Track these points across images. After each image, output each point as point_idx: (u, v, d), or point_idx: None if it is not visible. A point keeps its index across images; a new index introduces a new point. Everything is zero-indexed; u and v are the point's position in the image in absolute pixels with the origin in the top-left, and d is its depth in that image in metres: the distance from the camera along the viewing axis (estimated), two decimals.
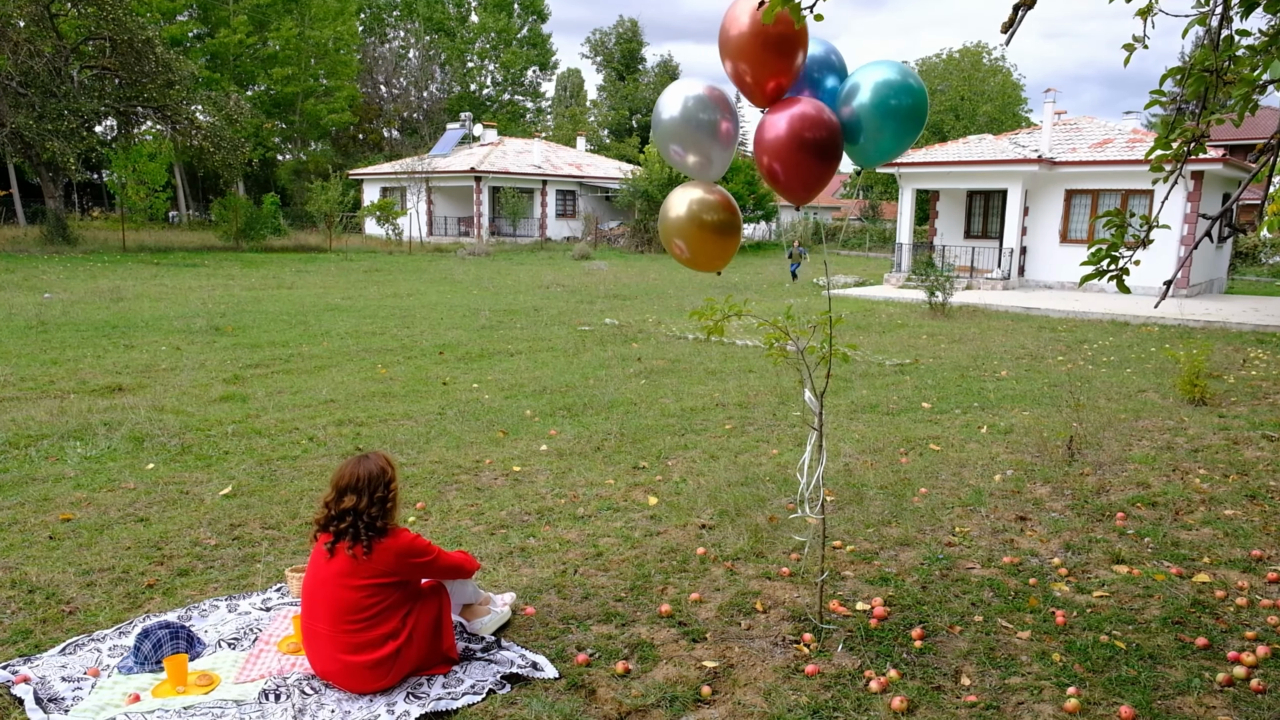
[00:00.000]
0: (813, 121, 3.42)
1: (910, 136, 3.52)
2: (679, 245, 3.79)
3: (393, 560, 3.35)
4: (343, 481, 3.39)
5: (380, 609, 3.34)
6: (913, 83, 3.44)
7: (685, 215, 3.74)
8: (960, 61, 60.87)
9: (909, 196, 24.06)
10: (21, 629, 3.80)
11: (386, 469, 3.45)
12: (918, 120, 3.48)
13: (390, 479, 3.44)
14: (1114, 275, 2.57)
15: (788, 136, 3.43)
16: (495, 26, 64.21)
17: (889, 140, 3.50)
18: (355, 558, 3.31)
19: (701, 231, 3.74)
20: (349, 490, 3.37)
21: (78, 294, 16.02)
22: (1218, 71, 2.24)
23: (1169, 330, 14.77)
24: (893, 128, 3.46)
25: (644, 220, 35.62)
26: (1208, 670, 3.58)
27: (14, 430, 6.81)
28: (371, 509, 3.35)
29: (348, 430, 7.16)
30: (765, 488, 5.85)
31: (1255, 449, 7.05)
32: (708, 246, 3.78)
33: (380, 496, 3.37)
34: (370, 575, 3.32)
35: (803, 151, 3.43)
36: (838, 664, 3.61)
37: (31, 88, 27.19)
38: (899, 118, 3.45)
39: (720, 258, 3.86)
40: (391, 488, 3.43)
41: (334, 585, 3.33)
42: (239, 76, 46.57)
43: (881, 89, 3.42)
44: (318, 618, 3.37)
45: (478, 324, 13.57)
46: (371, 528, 3.35)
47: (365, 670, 3.31)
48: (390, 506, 3.40)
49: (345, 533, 3.34)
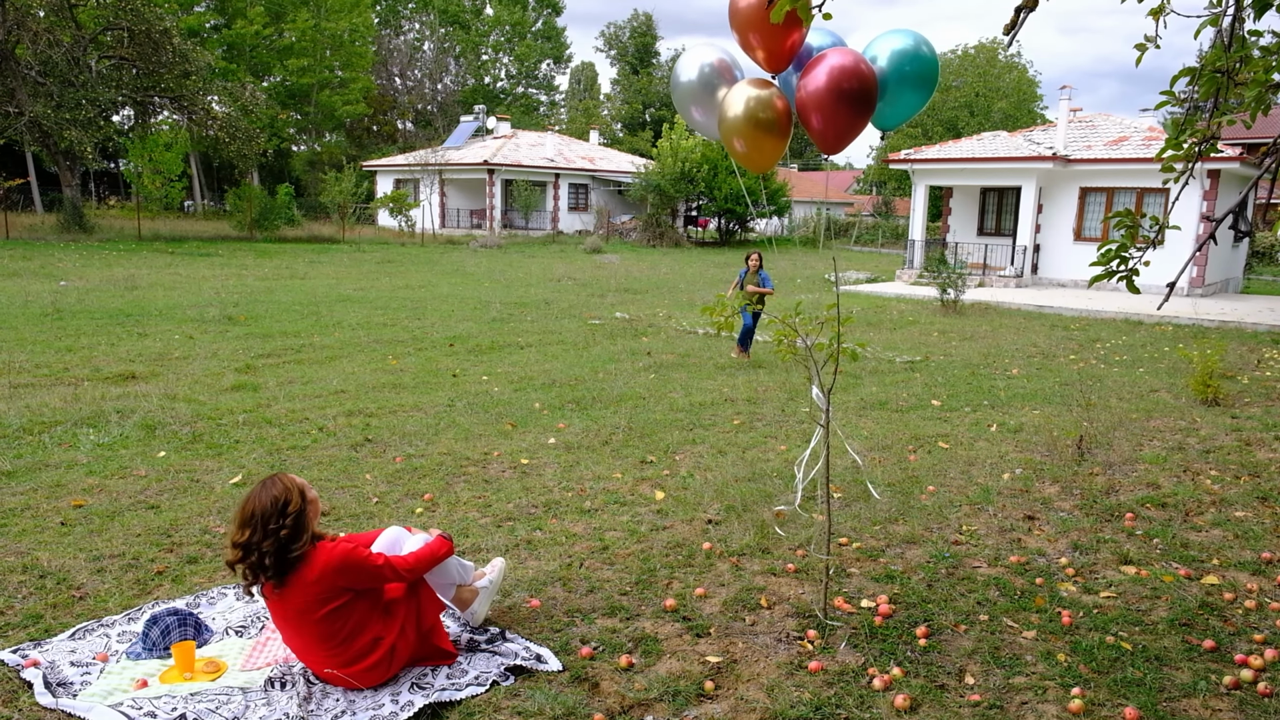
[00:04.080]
0: (851, 72, 3.57)
1: (923, 98, 3.77)
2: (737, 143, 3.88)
3: (329, 578, 3.16)
4: (242, 514, 3.15)
5: (351, 625, 3.25)
6: (925, 50, 3.70)
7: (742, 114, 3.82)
8: (975, 58, 60.49)
9: (922, 193, 23.93)
10: (32, 613, 3.84)
11: (287, 493, 3.16)
12: (930, 83, 3.74)
13: (289, 504, 3.14)
14: (1124, 276, 2.55)
15: (827, 86, 3.58)
16: (510, 19, 64.19)
17: (907, 102, 3.73)
18: (277, 597, 3.17)
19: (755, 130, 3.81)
20: (244, 524, 3.13)
21: (93, 282, 16.13)
22: (1229, 72, 2.22)
23: (1183, 329, 14.66)
24: (910, 92, 3.71)
25: (656, 214, 35.58)
26: (1214, 673, 3.57)
27: (28, 416, 6.87)
28: (268, 542, 3.10)
29: (358, 420, 7.19)
30: (772, 483, 5.84)
31: (1268, 450, 7.00)
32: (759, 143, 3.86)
33: (275, 529, 3.10)
34: (322, 604, 3.17)
35: (841, 100, 3.59)
36: (841, 661, 3.61)
37: (50, 77, 27.37)
38: (915, 82, 3.70)
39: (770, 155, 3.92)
40: (292, 513, 3.12)
41: (296, 623, 3.24)
42: (255, 67, 46.70)
43: (897, 56, 3.65)
44: (298, 650, 3.35)
45: (488, 316, 13.60)
46: (280, 560, 3.12)
47: (364, 673, 3.31)
48: (299, 529, 3.14)
49: (249, 568, 3.14)
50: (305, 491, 3.22)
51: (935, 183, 24.23)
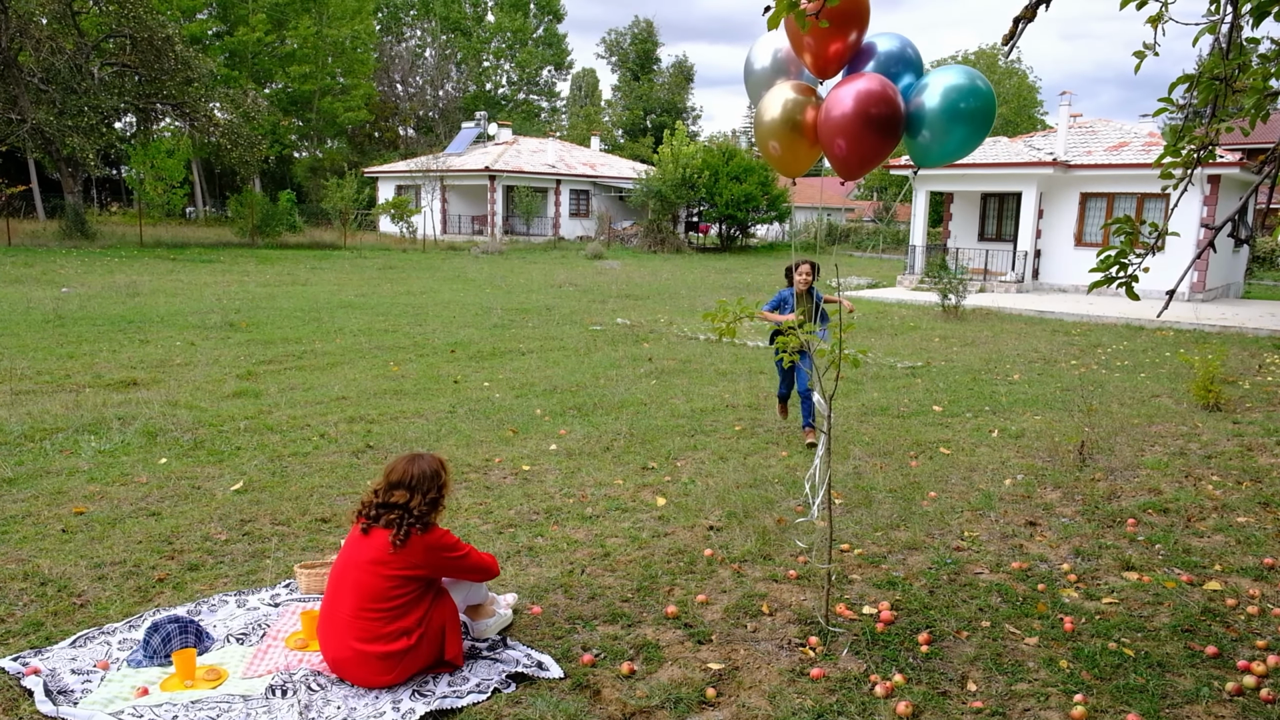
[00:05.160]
0: (878, 98, 3.41)
1: (979, 137, 3.50)
2: (772, 146, 3.77)
3: (423, 554, 3.41)
4: (394, 475, 3.49)
5: (403, 602, 3.38)
6: (980, 84, 3.43)
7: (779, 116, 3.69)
8: (976, 63, 60.57)
9: (923, 198, 23.95)
10: (33, 621, 3.84)
11: (440, 472, 3.55)
12: (987, 120, 3.47)
13: (443, 482, 3.54)
14: (1123, 282, 2.55)
15: (854, 112, 3.40)
16: (511, 26, 64.36)
17: (956, 140, 3.49)
18: (391, 546, 3.38)
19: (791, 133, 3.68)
20: (400, 485, 3.46)
21: (95, 288, 16.16)
22: (1227, 79, 2.22)
23: (1184, 335, 14.65)
24: (962, 129, 3.45)
25: (657, 220, 35.59)
26: (1217, 679, 3.56)
27: (30, 423, 6.88)
28: (422, 506, 3.44)
29: (359, 427, 7.20)
30: (774, 490, 5.84)
31: (1269, 455, 6.99)
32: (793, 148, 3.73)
33: (433, 498, 3.48)
34: (401, 567, 3.38)
35: (867, 127, 3.41)
36: (843, 668, 3.61)
37: (53, 84, 27.48)
38: (969, 119, 3.44)
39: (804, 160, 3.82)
40: (444, 490, 3.53)
41: (365, 570, 3.39)
42: (257, 74, 46.84)
43: (951, 92, 3.39)
44: (342, 600, 3.41)
45: (490, 322, 13.61)
46: (416, 523, 3.42)
47: (375, 660, 3.33)
48: (440, 507, 3.51)
49: (387, 521, 3.42)
50: (447, 467, 3.64)
51: (936, 188, 24.23)
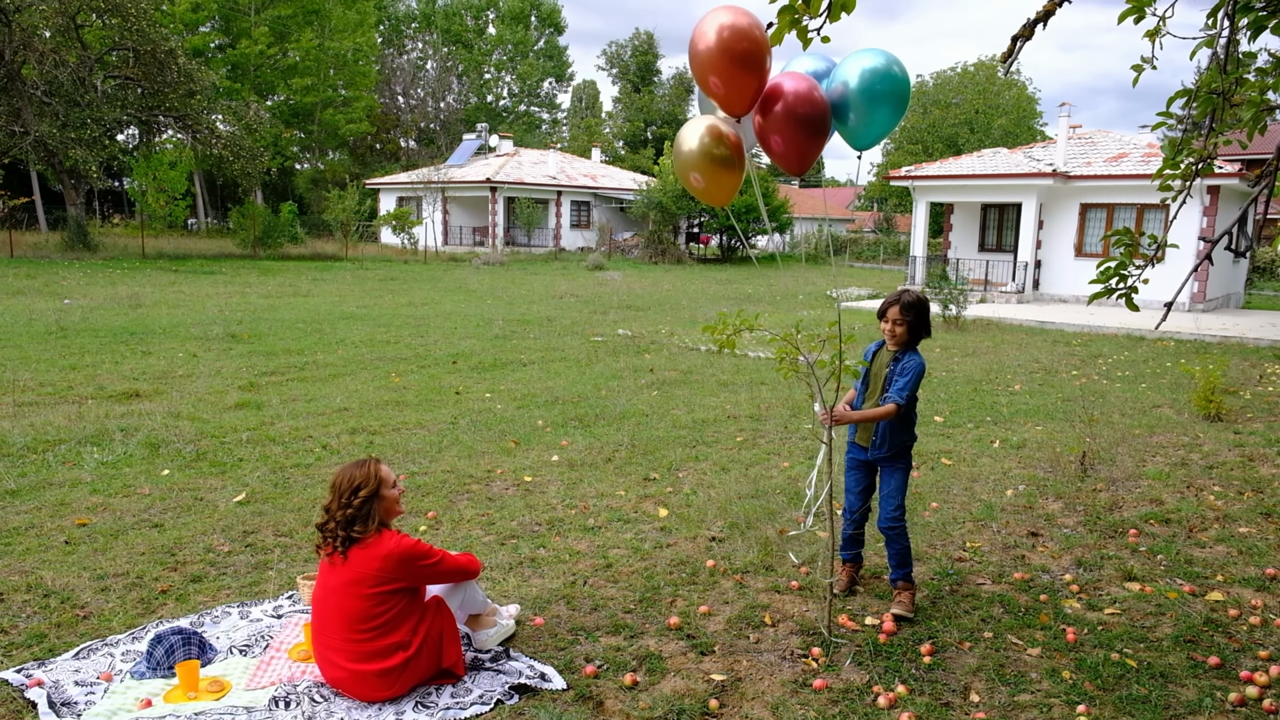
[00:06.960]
0: (805, 98, 3.48)
1: (895, 118, 3.58)
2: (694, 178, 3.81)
3: (389, 566, 3.34)
4: (331, 482, 3.49)
5: (388, 617, 3.35)
6: (896, 70, 3.52)
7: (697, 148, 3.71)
8: (975, 75, 60.79)
9: (923, 209, 24.01)
10: (36, 632, 3.85)
11: (366, 478, 3.41)
12: (902, 103, 3.56)
13: (363, 488, 3.38)
14: (1123, 294, 2.57)
15: (783, 111, 3.48)
16: (512, 38, 64.68)
17: (879, 123, 3.57)
18: (332, 563, 3.38)
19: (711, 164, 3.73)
20: (330, 491, 3.46)
21: (97, 300, 16.19)
22: (1225, 93, 2.24)
23: (1185, 345, 14.66)
24: (882, 111, 3.54)
25: (658, 231, 35.67)
26: (1220, 690, 3.56)
27: (32, 435, 6.89)
28: (344, 512, 3.36)
29: (361, 439, 7.21)
30: (776, 500, 5.84)
31: (1271, 466, 6.99)
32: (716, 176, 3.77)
33: (347, 502, 3.37)
34: (375, 583, 3.33)
35: (796, 125, 3.48)
36: (846, 679, 3.61)
37: (56, 96, 27.60)
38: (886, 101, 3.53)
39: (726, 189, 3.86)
40: (361, 496, 3.37)
41: (343, 593, 3.35)
42: (259, 86, 47.02)
43: (867, 75, 3.48)
44: (327, 626, 3.39)
45: (491, 334, 13.63)
46: (348, 532, 3.36)
47: (373, 678, 3.33)
48: (366, 514, 3.38)
49: (328, 533, 3.41)
50: (385, 483, 3.47)
51: (936, 199, 24.31)
